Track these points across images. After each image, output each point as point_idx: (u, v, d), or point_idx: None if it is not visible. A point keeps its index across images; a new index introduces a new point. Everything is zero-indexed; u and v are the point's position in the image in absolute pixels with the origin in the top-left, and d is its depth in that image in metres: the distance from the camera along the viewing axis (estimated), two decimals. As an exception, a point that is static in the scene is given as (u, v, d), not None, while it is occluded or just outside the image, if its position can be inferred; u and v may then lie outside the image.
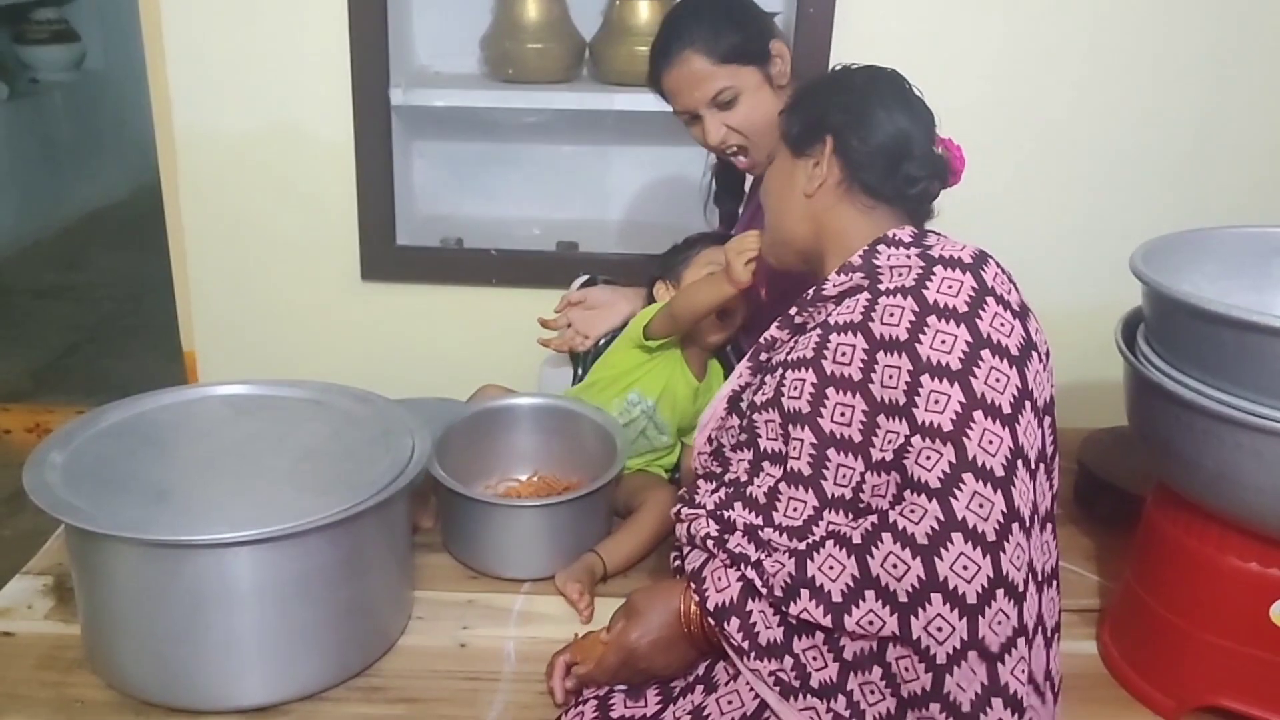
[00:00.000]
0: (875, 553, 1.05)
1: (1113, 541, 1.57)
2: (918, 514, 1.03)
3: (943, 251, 1.12)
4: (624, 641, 1.18)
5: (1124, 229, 1.59)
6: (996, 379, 1.04)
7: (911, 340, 1.06)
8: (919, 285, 1.09)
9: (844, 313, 1.14)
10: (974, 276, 1.09)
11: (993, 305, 1.07)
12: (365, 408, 1.45)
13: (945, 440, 1.03)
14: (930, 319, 1.06)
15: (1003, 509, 1.01)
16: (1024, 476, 1.04)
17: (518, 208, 2.37)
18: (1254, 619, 1.19)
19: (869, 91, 1.21)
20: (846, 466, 1.11)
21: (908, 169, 1.19)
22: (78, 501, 1.18)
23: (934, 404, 1.04)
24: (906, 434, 1.05)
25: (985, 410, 1.03)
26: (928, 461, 1.04)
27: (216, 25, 1.99)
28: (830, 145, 1.19)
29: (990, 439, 1.03)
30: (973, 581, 1.01)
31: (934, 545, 1.01)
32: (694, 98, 1.50)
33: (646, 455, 1.68)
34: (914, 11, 1.95)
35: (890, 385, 1.07)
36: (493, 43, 2.18)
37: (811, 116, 1.22)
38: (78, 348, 3.51)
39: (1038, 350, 1.10)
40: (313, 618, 1.22)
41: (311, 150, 2.07)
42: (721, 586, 1.14)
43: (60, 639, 1.32)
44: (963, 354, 1.04)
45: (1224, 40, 1.97)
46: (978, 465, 1.02)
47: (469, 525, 1.48)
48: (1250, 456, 1.12)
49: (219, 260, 2.15)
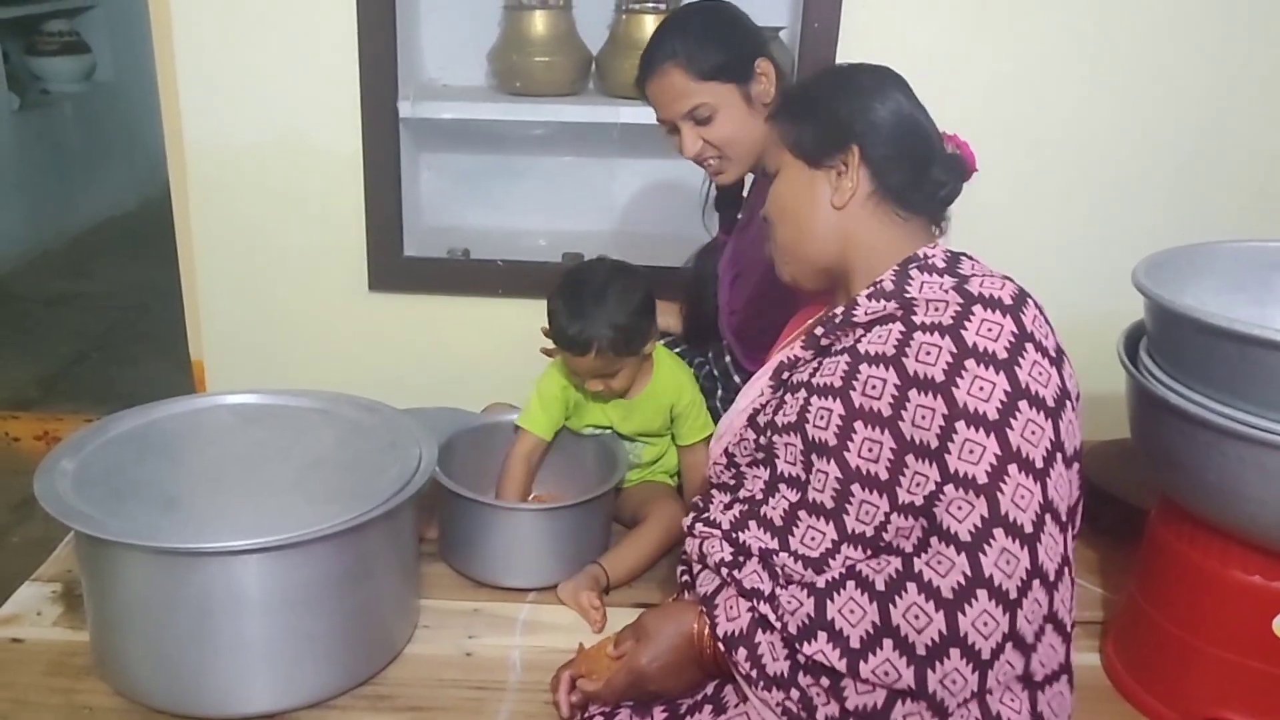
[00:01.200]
0: (898, 602, 1.03)
1: (1116, 554, 1.57)
2: (944, 566, 1.01)
3: (982, 289, 1.08)
4: (634, 664, 1.18)
5: (1126, 242, 1.60)
6: (1032, 431, 1.02)
7: (948, 383, 1.03)
8: (957, 325, 1.05)
9: (875, 342, 1.10)
10: (1014, 320, 1.05)
11: (1032, 353, 1.04)
12: (372, 417, 1.46)
13: (979, 493, 1.01)
14: (969, 363, 1.03)
15: (1027, 565, 1.00)
16: (1052, 531, 1.02)
17: (524, 219, 2.39)
18: (1257, 632, 1.20)
19: (883, 92, 1.15)
20: (870, 504, 1.09)
21: (935, 172, 1.15)
22: (88, 509, 1.19)
23: (968, 453, 1.02)
24: (938, 480, 1.03)
25: (1020, 464, 1.01)
26: (959, 512, 1.02)
27: (227, 37, 2.00)
28: (858, 154, 1.13)
29: (1023, 494, 1.01)
30: (989, 638, 1.00)
31: (959, 600, 1.00)
32: (672, 110, 1.52)
33: (645, 467, 1.69)
34: (918, 26, 1.96)
35: (923, 426, 1.04)
36: (500, 56, 2.19)
37: (828, 124, 1.16)
38: (86, 356, 3.53)
39: (1071, 398, 1.07)
40: (319, 626, 1.22)
41: (320, 162, 2.08)
42: (733, 615, 1.13)
43: (69, 646, 1.33)
44: (1000, 404, 1.02)
45: (1226, 53, 1.98)
46: (1009, 521, 1.01)
47: (471, 532, 1.49)
48: (1253, 470, 1.12)
49: (227, 270, 2.16)
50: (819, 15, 1.95)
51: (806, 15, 1.96)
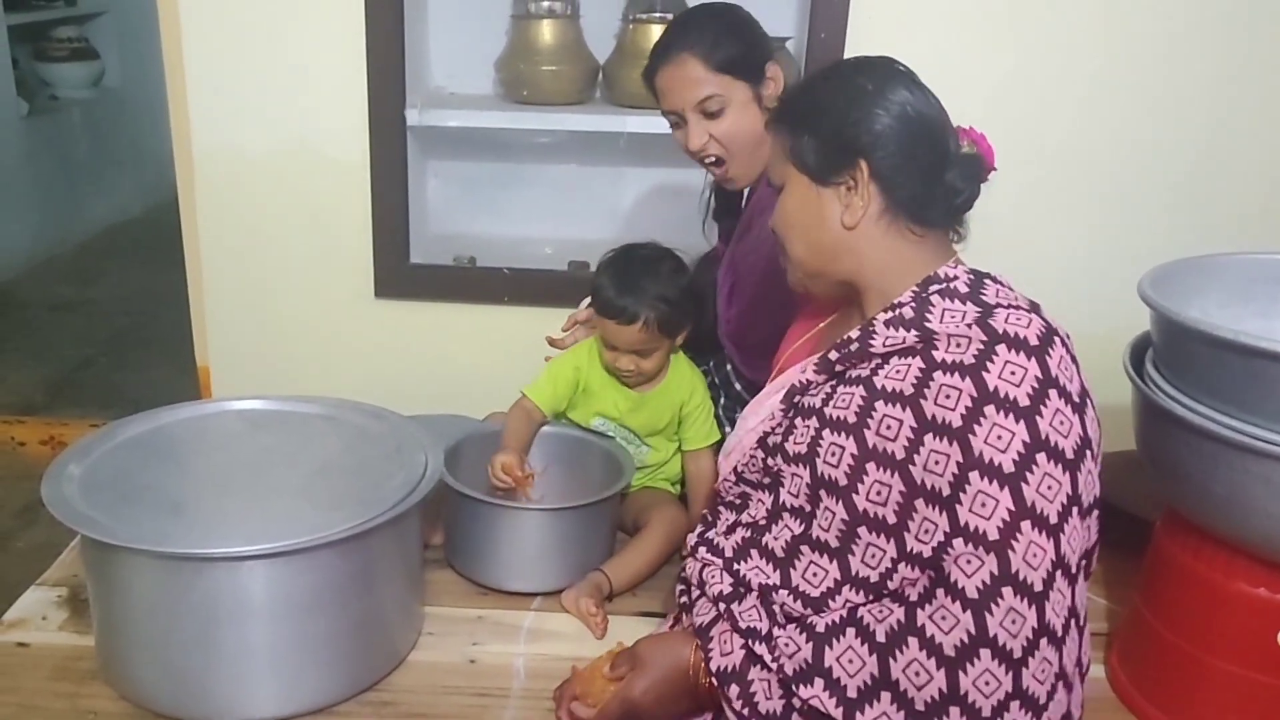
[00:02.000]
0: (899, 656, 1.01)
1: (1121, 566, 1.56)
2: (948, 623, 0.99)
3: (1007, 325, 1.03)
4: (628, 694, 1.17)
5: (1132, 253, 1.60)
6: (1049, 486, 0.98)
7: (965, 429, 0.99)
8: (979, 365, 1.01)
9: (893, 378, 1.06)
10: (1039, 364, 1.01)
11: (1055, 400, 1.00)
12: (378, 424, 1.46)
13: (989, 550, 0.98)
14: (988, 409, 0.99)
15: (1034, 624, 0.98)
16: (1062, 586, 0.99)
17: (530, 227, 2.39)
18: (1262, 644, 1.19)
19: (887, 94, 1.08)
20: (877, 547, 1.06)
21: (950, 179, 1.09)
22: (95, 514, 1.19)
23: (980, 506, 0.98)
24: (947, 531, 1.00)
25: (1033, 521, 0.98)
26: (968, 567, 0.99)
27: (235, 45, 2.01)
28: (867, 170, 1.08)
29: (1035, 552, 0.98)
30: (991, 696, 0.98)
31: (961, 660, 0.98)
32: (683, 99, 1.52)
33: (647, 470, 1.69)
34: (924, 36, 1.97)
35: (935, 471, 1.01)
36: (508, 65, 2.20)
37: (831, 137, 1.10)
38: (92, 361, 3.54)
39: (1092, 448, 1.03)
40: (324, 632, 1.22)
41: (327, 169, 2.09)
42: (726, 650, 1.12)
43: (74, 650, 1.33)
44: (1018, 455, 0.98)
45: (1231, 65, 1.98)
46: (1018, 580, 0.97)
47: (476, 534, 1.49)
48: (1259, 482, 1.12)
49: (234, 276, 2.17)
50: (825, 25, 1.96)
51: (813, 25, 1.96)
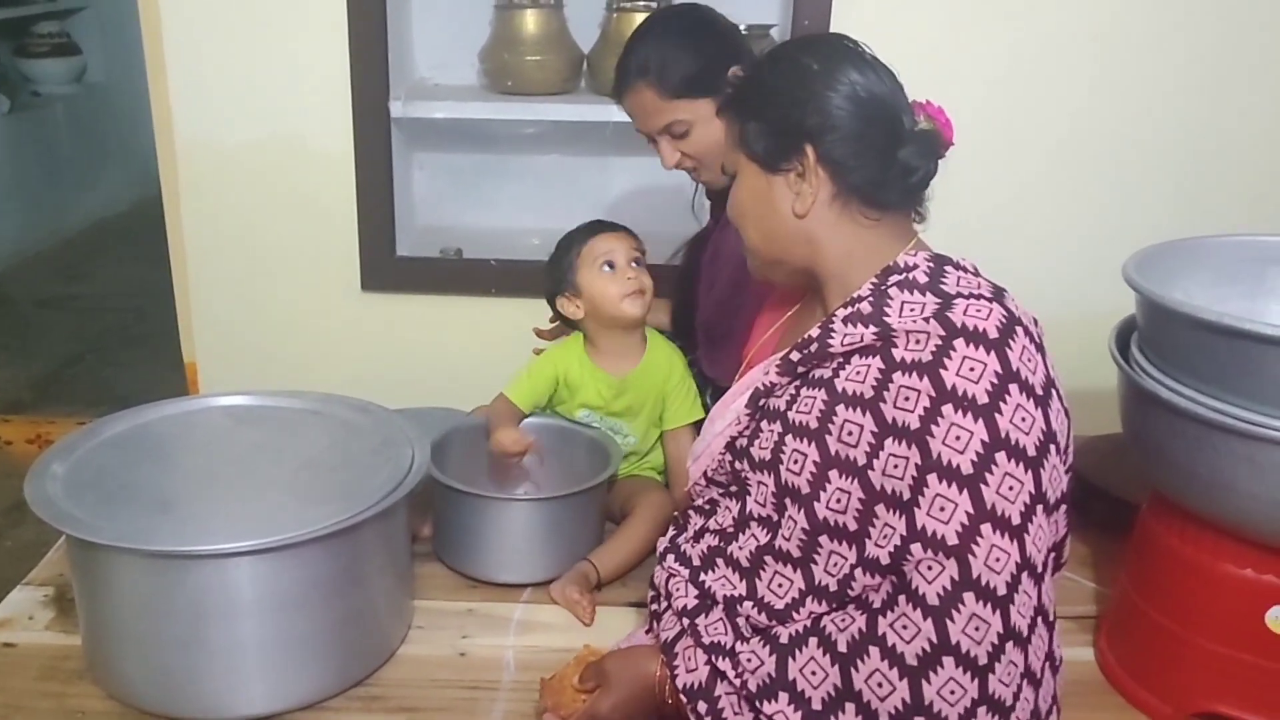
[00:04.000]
0: (860, 666, 0.99)
1: (1109, 548, 1.57)
2: (909, 632, 0.96)
3: (965, 317, 0.99)
4: (595, 711, 1.16)
5: (1120, 237, 1.59)
6: (1010, 486, 0.96)
7: (923, 431, 0.97)
8: (936, 362, 0.98)
9: (853, 380, 1.03)
10: (998, 357, 0.97)
11: (1015, 395, 0.97)
12: (365, 418, 1.46)
13: (949, 554, 0.95)
14: (946, 408, 0.96)
15: (999, 630, 0.95)
16: (1028, 587, 0.96)
17: (517, 218, 2.38)
18: (1249, 625, 1.20)
19: (834, 75, 1.04)
20: (839, 555, 1.04)
21: (904, 157, 1.05)
22: (79, 513, 1.19)
23: (939, 510, 0.96)
24: (904, 535, 0.98)
25: (994, 523, 0.95)
26: (929, 573, 0.96)
27: (217, 37, 2.00)
28: (813, 155, 1.05)
29: (997, 555, 0.95)
30: (956, 704, 0.95)
31: (924, 668, 0.96)
32: (647, 125, 1.53)
33: (631, 460, 1.70)
34: (910, 28, 1.96)
35: (894, 475, 0.99)
36: (492, 55, 2.19)
37: (777, 123, 1.07)
38: (79, 358, 3.52)
39: (1056, 443, 1.00)
40: (313, 627, 1.22)
41: (312, 161, 2.08)
42: (691, 667, 1.12)
43: (61, 650, 1.33)
44: (976, 456, 0.95)
45: (1220, 51, 1.98)
46: (980, 584, 0.95)
47: (464, 526, 1.49)
48: (1244, 464, 1.12)
49: (220, 271, 2.16)
50: (809, 13, 1.95)
51: (797, 14, 1.95)
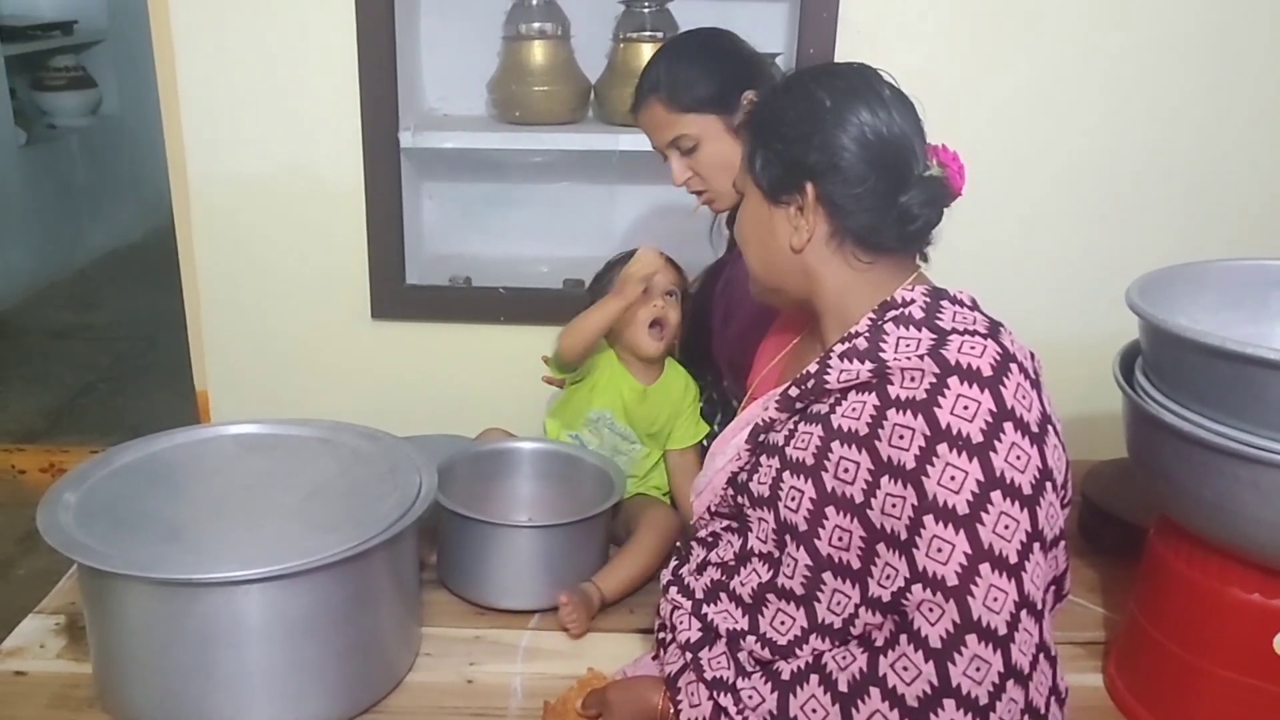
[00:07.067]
0: (861, 707, 0.99)
1: (1117, 573, 1.56)
2: (910, 674, 0.97)
3: (960, 355, 0.99)
4: None
5: (1124, 263, 1.60)
6: (1006, 526, 0.96)
7: (919, 470, 0.97)
8: (931, 400, 0.98)
9: (849, 417, 1.03)
10: (993, 395, 0.97)
11: (1010, 433, 0.97)
12: (373, 445, 1.47)
13: (949, 596, 0.95)
14: (941, 447, 0.97)
15: (999, 669, 0.95)
16: (1028, 625, 0.97)
17: (525, 246, 2.40)
18: (1258, 651, 1.19)
19: (844, 115, 1.04)
20: (842, 593, 1.05)
21: (906, 203, 1.04)
22: (90, 541, 1.20)
23: (936, 551, 0.96)
24: (907, 576, 0.98)
25: (992, 563, 0.95)
26: (930, 615, 0.96)
27: (229, 71, 2.03)
28: (813, 193, 1.05)
29: (995, 595, 0.95)
30: None
31: (925, 710, 0.96)
32: (657, 139, 1.58)
33: (634, 481, 1.70)
34: (914, 53, 1.98)
35: (892, 514, 0.99)
36: (500, 86, 2.21)
37: (784, 155, 1.07)
38: (92, 388, 3.55)
39: (1053, 480, 1.00)
40: (321, 654, 1.23)
41: (323, 192, 2.10)
42: (695, 702, 1.12)
43: (72, 678, 1.33)
44: (972, 495, 0.95)
45: (1222, 76, 1.99)
46: (981, 625, 0.95)
47: (470, 553, 1.49)
48: (1249, 488, 1.12)
49: (232, 301, 2.18)
50: (814, 41, 1.96)
51: (802, 41, 1.97)
